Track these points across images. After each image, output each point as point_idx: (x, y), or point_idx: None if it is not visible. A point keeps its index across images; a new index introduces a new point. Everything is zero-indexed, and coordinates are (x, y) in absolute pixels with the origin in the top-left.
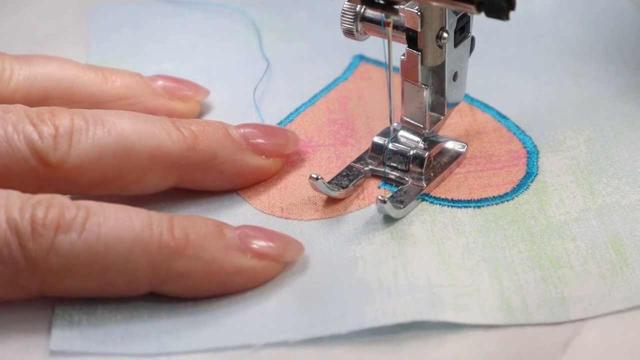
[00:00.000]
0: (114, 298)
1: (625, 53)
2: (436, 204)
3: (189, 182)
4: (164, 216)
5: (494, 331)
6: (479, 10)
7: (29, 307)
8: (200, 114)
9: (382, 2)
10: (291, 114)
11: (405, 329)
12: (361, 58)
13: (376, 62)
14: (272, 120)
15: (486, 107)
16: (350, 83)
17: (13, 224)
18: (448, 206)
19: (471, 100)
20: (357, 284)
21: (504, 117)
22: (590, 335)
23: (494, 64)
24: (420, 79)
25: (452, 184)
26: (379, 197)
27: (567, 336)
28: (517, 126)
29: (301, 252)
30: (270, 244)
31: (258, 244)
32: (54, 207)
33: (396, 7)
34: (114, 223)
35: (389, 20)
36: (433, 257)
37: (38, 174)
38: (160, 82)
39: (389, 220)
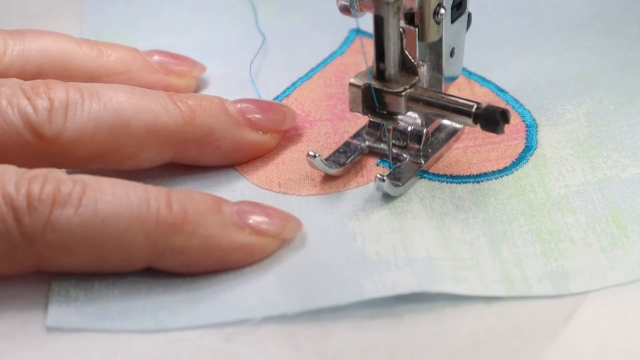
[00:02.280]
0: (111, 274)
1: (624, 26)
2: (435, 180)
3: (186, 157)
4: (161, 191)
5: (495, 305)
6: (475, 122)
7: (25, 283)
8: (196, 89)
9: (383, 112)
10: (288, 88)
11: (405, 303)
12: (357, 32)
13: (372, 36)
14: (268, 94)
15: (484, 81)
16: (347, 57)
17: (9, 198)
18: (447, 182)
19: (469, 74)
20: (356, 258)
21: (502, 90)
22: (591, 308)
23: (492, 37)
24: (417, 55)
25: (450, 160)
26: (378, 175)
27: (569, 310)
28: (515, 100)
29: (300, 228)
30: (269, 220)
31: (256, 219)
32: (50, 181)
33: (396, 117)
34: (111, 198)
35: (390, 128)
36: (432, 232)
37: (33, 148)
38: (156, 57)
39: (387, 197)
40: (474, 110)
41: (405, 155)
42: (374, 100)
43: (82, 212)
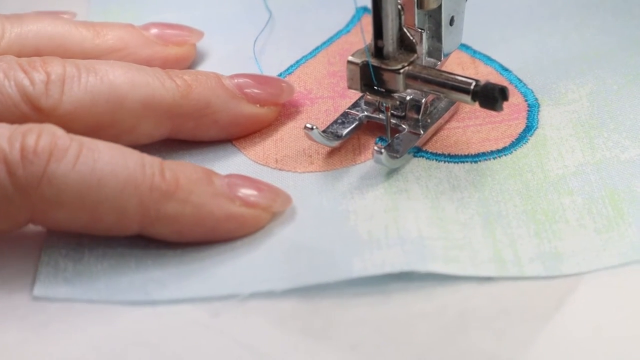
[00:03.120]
0: (101, 244)
1: (632, 5)
2: (433, 159)
3: (183, 131)
4: (155, 159)
5: (485, 285)
6: (473, 100)
7: (14, 253)
8: (198, 64)
9: (382, 90)
10: (291, 66)
11: (395, 281)
12: (364, 10)
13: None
14: (271, 71)
15: (489, 60)
16: (353, 36)
17: (1, 153)
18: (445, 161)
19: (474, 52)
20: (347, 236)
21: (506, 69)
22: (583, 291)
23: (497, 16)
24: (416, 23)
25: (450, 139)
26: (375, 147)
27: (560, 292)
28: (519, 79)
29: (289, 203)
30: (259, 193)
31: (246, 192)
32: (45, 134)
33: (394, 95)
34: (109, 159)
35: (388, 106)
36: (426, 212)
37: (30, 121)
38: (153, 30)
39: (383, 175)
40: (472, 87)
41: (404, 126)
42: (372, 77)
43: (79, 168)
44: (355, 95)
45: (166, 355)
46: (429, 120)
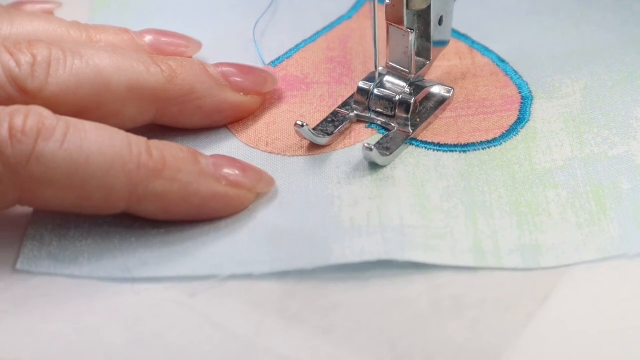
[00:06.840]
0: (87, 221)
1: (632, 2)
2: (422, 147)
3: (167, 117)
4: (140, 138)
5: (463, 274)
6: None
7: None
8: (199, 46)
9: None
10: (290, 50)
11: (373, 268)
12: None
13: (383, 2)
14: (271, 55)
15: (486, 51)
16: (354, 22)
17: None
18: (434, 150)
19: (472, 43)
20: (330, 222)
21: (503, 61)
22: (560, 284)
23: (498, 7)
24: (406, 23)
25: (440, 128)
26: (365, 144)
27: (538, 285)
28: (515, 71)
29: (272, 185)
30: (243, 173)
31: (230, 172)
32: (33, 115)
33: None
34: (96, 137)
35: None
36: (410, 199)
37: (15, 102)
38: (147, 38)
39: (372, 163)
40: None
41: (393, 125)
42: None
43: (67, 147)
44: (350, 81)
45: (141, 332)
46: (418, 120)
